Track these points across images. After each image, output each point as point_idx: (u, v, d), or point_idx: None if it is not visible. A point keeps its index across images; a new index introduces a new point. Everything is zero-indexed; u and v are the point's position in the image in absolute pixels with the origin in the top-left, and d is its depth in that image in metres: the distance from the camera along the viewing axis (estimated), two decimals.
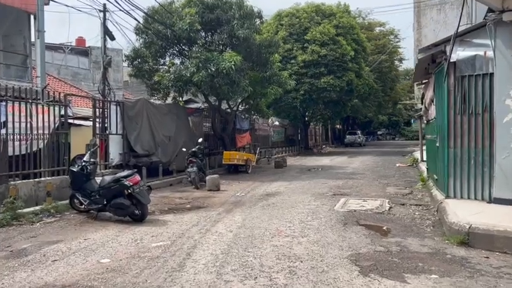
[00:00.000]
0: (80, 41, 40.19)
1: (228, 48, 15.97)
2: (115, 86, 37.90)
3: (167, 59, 18.09)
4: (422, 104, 12.70)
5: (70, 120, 13.26)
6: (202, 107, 18.90)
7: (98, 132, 11.73)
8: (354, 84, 29.20)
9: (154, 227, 7.34)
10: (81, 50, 38.76)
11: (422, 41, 26.43)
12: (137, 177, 7.75)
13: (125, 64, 18.55)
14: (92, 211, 8.22)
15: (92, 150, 8.46)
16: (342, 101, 31.10)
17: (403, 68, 60.87)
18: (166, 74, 15.46)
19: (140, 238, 6.56)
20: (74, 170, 8.17)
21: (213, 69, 14.46)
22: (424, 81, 12.42)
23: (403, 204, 9.12)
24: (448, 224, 6.36)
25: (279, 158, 21.43)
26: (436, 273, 4.74)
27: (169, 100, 17.80)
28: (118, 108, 12.44)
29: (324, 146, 39.09)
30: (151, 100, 17.90)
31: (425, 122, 12.40)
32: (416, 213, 8.22)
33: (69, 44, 38.15)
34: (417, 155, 21.83)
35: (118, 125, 12.40)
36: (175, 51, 18.02)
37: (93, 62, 40.11)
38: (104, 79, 12.33)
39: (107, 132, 12.11)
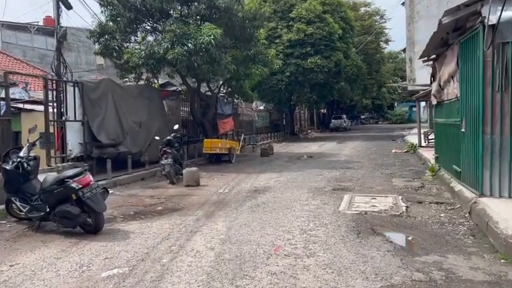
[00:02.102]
0: (49, 20, 37.25)
1: (206, 23, 14.02)
2: (87, 68, 35.57)
3: (139, 35, 16.10)
4: (431, 83, 11.10)
5: (19, 105, 11.35)
6: (180, 89, 16.98)
7: (51, 118, 9.80)
8: (342, 65, 27.55)
9: (111, 242, 5.58)
10: (49, 30, 35.98)
11: (415, 17, 24.88)
12: (88, 177, 5.94)
13: (91, 41, 16.41)
14: (35, 219, 6.40)
15: (31, 142, 6.58)
16: (329, 84, 29.45)
17: (387, 51, 59.71)
18: (136, 51, 13.48)
19: (88, 262, 4.80)
20: (7, 168, 6.31)
21: (190, 45, 12.56)
22: (432, 56, 10.84)
23: (421, 202, 7.54)
24: (500, 235, 4.79)
25: (265, 145, 19.73)
26: None
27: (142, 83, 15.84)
28: (77, 90, 10.49)
29: (309, 131, 37.57)
30: (122, 82, 15.93)
31: (434, 103, 10.81)
32: (442, 215, 6.65)
33: (35, 23, 35.41)
34: (411, 139, 20.46)
35: (77, 110, 10.47)
36: (148, 27, 15.99)
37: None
38: (59, 55, 10.32)
39: (64, 118, 10.17)
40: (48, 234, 6.07)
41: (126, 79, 16.23)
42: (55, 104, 10.01)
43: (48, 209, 5.98)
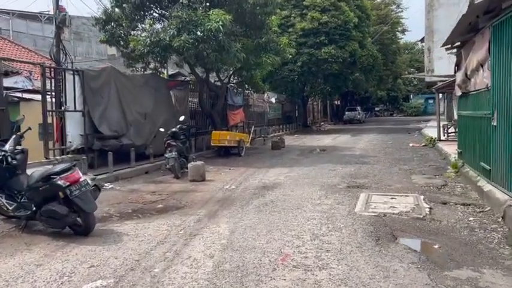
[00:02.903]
0: (60, 9, 37.03)
1: (216, 9, 13.33)
2: (98, 58, 35.19)
3: (147, 23, 15.49)
4: (455, 72, 10.30)
5: (18, 94, 10.88)
6: (188, 79, 16.38)
7: (49, 108, 9.29)
8: (357, 56, 26.60)
9: (101, 246, 5.03)
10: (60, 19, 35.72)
11: (435, 5, 23.84)
12: (77, 173, 5.38)
13: (97, 29, 15.90)
14: (21, 218, 5.87)
15: (18, 134, 6.04)
16: (344, 74, 28.55)
17: (403, 41, 58.17)
18: (141, 38, 12.88)
19: (71, 271, 4.25)
20: None
21: (199, 32, 11.93)
22: (456, 44, 10.03)
23: (445, 203, 6.84)
24: None
25: (277, 138, 19.06)
26: None
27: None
28: (77, 79, 9.96)
29: (322, 123, 36.75)
30: (129, 72, 15.38)
31: (458, 94, 10.02)
32: (470, 218, 5.94)
33: (46, 12, 35.05)
34: (429, 132, 19.61)
35: (77, 100, 9.95)
36: (155, 14, 15.41)
37: (74, 32, 37.18)
38: (58, 41, 9.77)
39: (63, 108, 9.66)
40: (34, 235, 5.54)
41: (133, 68, 15.69)
42: (54, 94, 9.47)
43: (34, 208, 5.45)
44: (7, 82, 13.11)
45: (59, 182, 5.17)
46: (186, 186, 8.99)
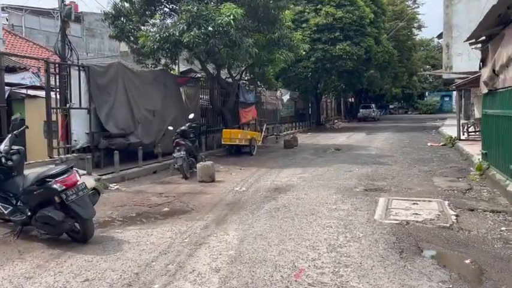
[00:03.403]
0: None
1: (227, 3, 12.88)
2: (110, 55, 35.06)
3: (157, 17, 15.11)
4: (481, 68, 9.70)
5: (23, 91, 10.59)
6: (199, 75, 15.98)
7: (54, 106, 8.97)
8: (372, 52, 25.89)
9: (99, 255, 4.64)
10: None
11: (454, 0, 23.02)
12: (74, 176, 5.00)
13: (106, 25, 15.60)
14: (17, 223, 5.52)
15: (14, 133, 5.67)
16: (358, 71, 27.85)
17: (418, 38, 56.98)
18: (150, 33, 12.50)
19: (63, 285, 3.86)
20: None
21: (210, 28, 11.49)
22: (481, 38, 9.44)
23: (472, 210, 6.30)
24: None
25: (289, 136, 18.58)
26: None
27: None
28: (83, 75, 9.61)
29: (336, 121, 36.10)
30: (140, 68, 15.04)
31: (483, 92, 9.42)
32: (503, 228, 5.41)
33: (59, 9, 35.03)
34: (447, 131, 18.94)
35: (83, 97, 9.61)
36: (167, 9, 15.02)
37: (86, 29, 37.13)
38: (64, 36, 9.43)
39: (68, 105, 9.32)
40: (30, 242, 5.18)
41: (143, 65, 15.35)
42: (58, 90, 9.14)
43: (29, 213, 5.09)
44: (14, 78, 12.91)
45: (54, 186, 4.79)
46: (195, 188, 8.58)
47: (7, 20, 31.22)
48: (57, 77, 9.05)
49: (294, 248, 4.74)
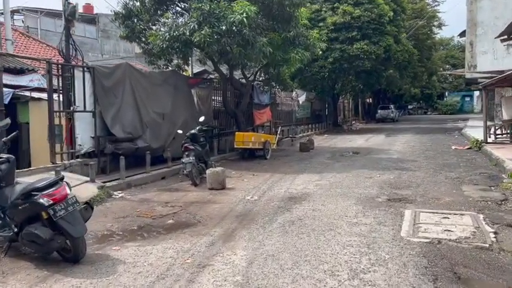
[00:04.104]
0: (88, 7, 37.07)
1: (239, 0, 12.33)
2: (125, 56, 34.94)
3: (168, 16, 14.63)
4: None
5: (26, 93, 10.22)
6: (212, 76, 15.45)
7: (56, 109, 8.54)
8: (392, 51, 25.00)
9: (90, 279, 4.11)
10: (88, 17, 35.70)
11: None
12: (63, 189, 4.48)
13: (116, 25, 15.23)
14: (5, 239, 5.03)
15: (3, 140, 5.19)
16: (377, 71, 26.99)
17: (439, 37, 55.57)
18: (160, 33, 12.02)
19: None
20: None
21: (223, 27, 10.94)
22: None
23: None
24: None
25: (305, 139, 17.91)
26: None
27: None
28: (88, 76, 9.17)
29: (354, 122, 35.23)
30: (151, 69, 14.61)
31: None
32: None
33: None
34: (471, 133, 18.04)
35: (88, 99, 9.16)
36: (179, 8, 14.55)
37: (101, 30, 37.17)
38: (68, 35, 8.99)
39: (72, 108, 8.88)
40: (17, 260, 4.69)
41: (155, 66, 14.91)
42: (62, 92, 8.71)
43: (15, 229, 4.59)
44: (23, 80, 12.60)
45: (40, 200, 4.29)
46: (203, 196, 8.02)
47: (23, 22, 31.37)
48: (60, 78, 8.60)
49: (310, 273, 4.13)
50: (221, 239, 5.31)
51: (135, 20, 13.94)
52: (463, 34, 28.85)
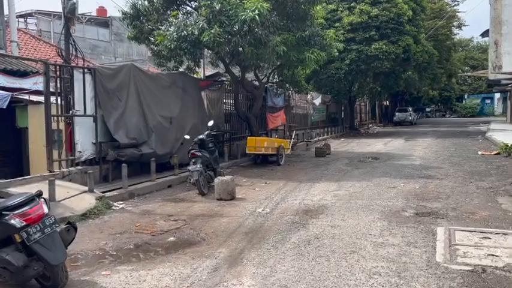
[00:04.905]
0: (101, 11, 36.95)
1: None
2: (138, 59, 34.63)
3: (180, 17, 14.05)
4: None
5: (25, 96, 9.70)
6: (223, 78, 14.81)
7: (53, 113, 7.97)
8: (411, 52, 24.02)
9: None
10: (101, 20, 35.57)
11: None
12: (40, 207, 3.84)
13: (124, 25, 14.70)
14: None
15: None
16: (395, 73, 26.06)
17: (458, 37, 54.05)
18: (167, 32, 11.41)
19: None
20: None
21: (236, 27, 10.29)
22: None
23: None
24: None
25: (321, 143, 17.12)
26: None
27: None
28: (89, 78, 8.59)
29: (371, 126, 34.25)
30: (161, 71, 14.03)
31: None
32: None
33: (88, 14, 34.93)
34: (498, 137, 17.02)
35: (89, 102, 8.58)
36: (189, 7, 13.96)
37: (115, 33, 36.94)
38: (68, 35, 8.44)
39: (71, 112, 8.30)
40: None
41: (164, 68, 14.34)
42: (62, 95, 8.14)
43: None
44: (27, 82, 12.12)
45: (11, 222, 3.65)
46: (210, 208, 7.34)
47: (36, 25, 31.31)
48: (58, 80, 8.04)
49: None
50: (226, 263, 4.61)
51: (144, 20, 13.41)
52: (485, 34, 27.74)
